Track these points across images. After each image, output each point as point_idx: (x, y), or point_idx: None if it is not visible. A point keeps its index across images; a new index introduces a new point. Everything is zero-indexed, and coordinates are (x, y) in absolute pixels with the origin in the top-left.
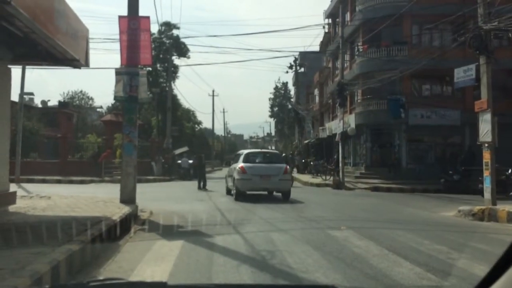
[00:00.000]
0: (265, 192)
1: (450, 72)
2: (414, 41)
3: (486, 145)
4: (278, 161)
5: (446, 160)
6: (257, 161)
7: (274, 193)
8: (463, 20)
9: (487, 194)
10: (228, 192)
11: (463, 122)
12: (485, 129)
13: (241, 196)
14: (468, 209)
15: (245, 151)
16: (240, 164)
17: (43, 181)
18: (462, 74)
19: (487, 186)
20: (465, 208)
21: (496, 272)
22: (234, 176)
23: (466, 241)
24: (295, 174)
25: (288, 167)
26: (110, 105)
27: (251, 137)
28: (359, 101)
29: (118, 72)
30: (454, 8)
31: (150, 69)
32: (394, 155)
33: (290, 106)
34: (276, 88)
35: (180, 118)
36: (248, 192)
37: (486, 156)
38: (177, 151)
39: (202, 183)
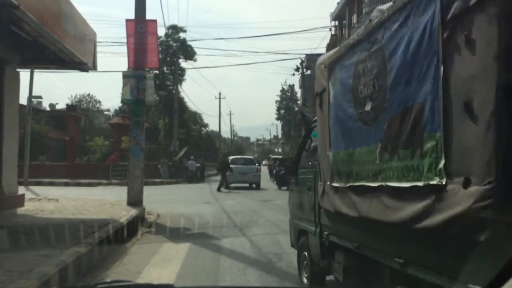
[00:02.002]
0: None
1: None
2: None
3: None
4: (252, 163)
5: None
6: (238, 163)
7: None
8: None
9: None
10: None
11: None
12: None
13: (228, 187)
14: None
15: (232, 157)
16: None
17: (51, 184)
18: None
19: None
20: None
21: (505, 273)
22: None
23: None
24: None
25: (259, 167)
26: (117, 108)
27: (257, 140)
28: None
29: (125, 75)
30: None
31: (157, 72)
32: None
33: (296, 109)
34: (282, 90)
35: (187, 121)
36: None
37: None
38: (180, 154)
39: (224, 184)
